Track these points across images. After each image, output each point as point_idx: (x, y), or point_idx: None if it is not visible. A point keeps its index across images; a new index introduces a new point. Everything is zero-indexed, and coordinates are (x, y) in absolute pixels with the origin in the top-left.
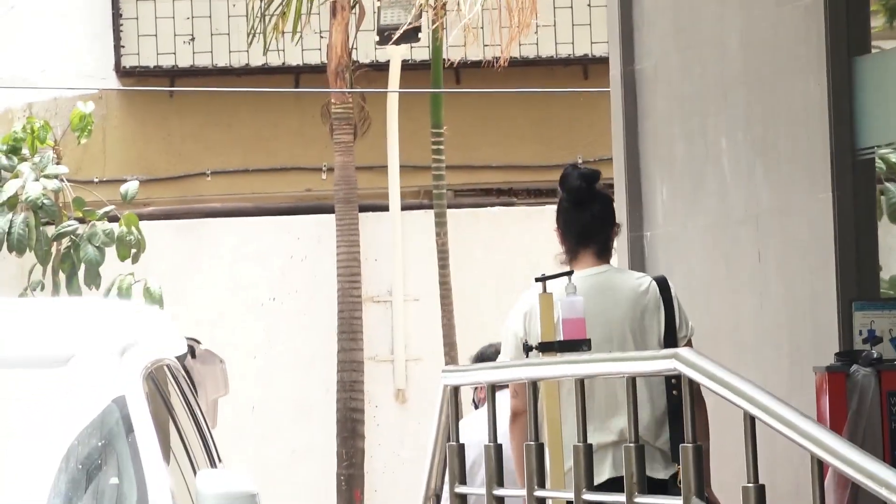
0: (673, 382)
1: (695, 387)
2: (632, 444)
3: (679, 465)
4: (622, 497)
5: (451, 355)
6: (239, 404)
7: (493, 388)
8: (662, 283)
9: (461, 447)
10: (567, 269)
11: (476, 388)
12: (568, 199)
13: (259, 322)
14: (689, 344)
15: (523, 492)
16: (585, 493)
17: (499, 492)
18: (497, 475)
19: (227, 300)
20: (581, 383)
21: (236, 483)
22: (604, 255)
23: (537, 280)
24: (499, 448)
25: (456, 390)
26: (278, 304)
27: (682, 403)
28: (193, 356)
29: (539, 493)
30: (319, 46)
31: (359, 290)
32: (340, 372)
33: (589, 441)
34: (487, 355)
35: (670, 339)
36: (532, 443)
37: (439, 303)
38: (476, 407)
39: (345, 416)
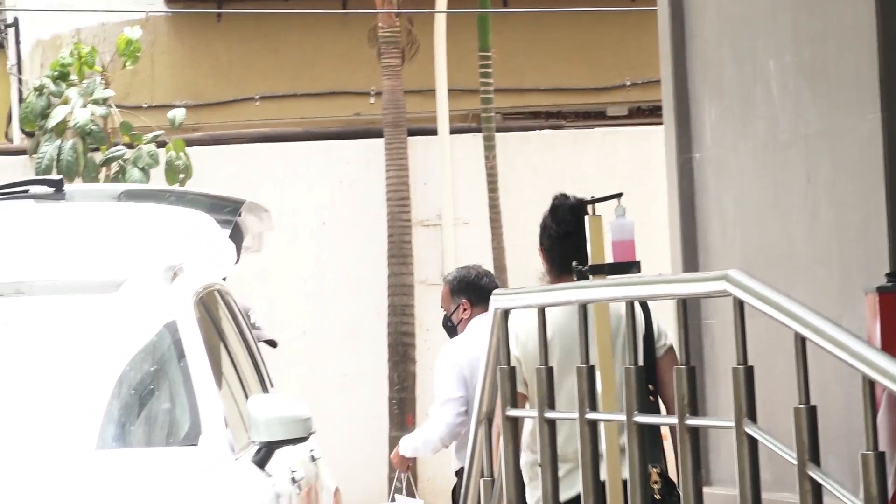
0: (650, 389)
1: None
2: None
3: (653, 467)
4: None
5: (500, 278)
6: (290, 329)
7: (507, 312)
8: (642, 302)
9: (512, 370)
10: (614, 193)
11: (456, 310)
12: (556, 230)
13: (309, 247)
14: (669, 351)
15: (576, 415)
16: (637, 415)
17: (551, 414)
18: (549, 397)
19: (276, 225)
20: (631, 306)
21: (289, 407)
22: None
23: (587, 202)
24: (550, 370)
25: (506, 313)
26: (328, 228)
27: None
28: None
29: (591, 415)
30: None
31: (408, 214)
32: (391, 296)
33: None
34: (468, 280)
35: (649, 351)
36: (583, 366)
37: (489, 226)
38: (449, 326)
39: (395, 340)
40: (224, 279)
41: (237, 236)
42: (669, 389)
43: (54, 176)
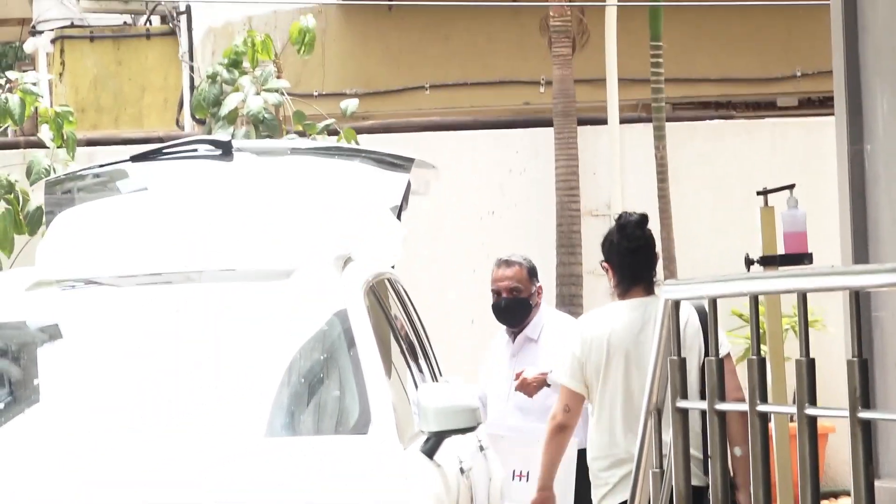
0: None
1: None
2: (755, 357)
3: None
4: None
5: (670, 269)
6: (458, 318)
7: (678, 303)
8: (700, 311)
9: (683, 361)
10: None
11: (534, 293)
12: (627, 245)
13: (478, 235)
14: (727, 357)
15: (746, 406)
16: (808, 408)
17: (722, 406)
18: (719, 389)
19: (445, 213)
20: (803, 298)
21: (458, 397)
22: (650, 288)
23: (759, 193)
24: (721, 362)
25: (677, 304)
26: (497, 217)
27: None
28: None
29: (762, 407)
30: None
31: (577, 203)
32: (559, 285)
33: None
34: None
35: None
36: (754, 357)
37: (657, 216)
38: (521, 309)
39: None
40: (393, 267)
41: (406, 195)
42: (731, 395)
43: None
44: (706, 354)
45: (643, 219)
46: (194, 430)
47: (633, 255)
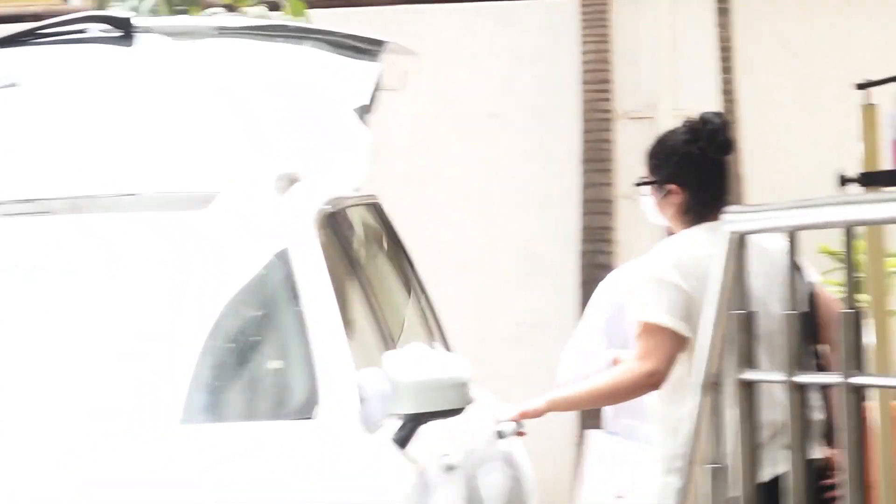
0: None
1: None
2: (850, 311)
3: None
4: None
5: (736, 191)
6: (450, 259)
7: (744, 237)
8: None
9: (749, 317)
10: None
11: None
12: (715, 154)
13: (475, 148)
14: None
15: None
16: None
17: (803, 378)
18: (806, 353)
19: (432, 119)
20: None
21: (440, 368)
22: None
23: (860, 87)
24: (807, 315)
25: (742, 239)
26: (501, 122)
27: None
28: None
29: (858, 379)
30: None
31: (609, 102)
32: (586, 215)
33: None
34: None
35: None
36: (849, 310)
37: None
38: None
39: (590, 274)
40: (357, 188)
41: (375, 91)
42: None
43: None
44: (790, 305)
45: (727, 123)
46: (84, 417)
47: (721, 172)
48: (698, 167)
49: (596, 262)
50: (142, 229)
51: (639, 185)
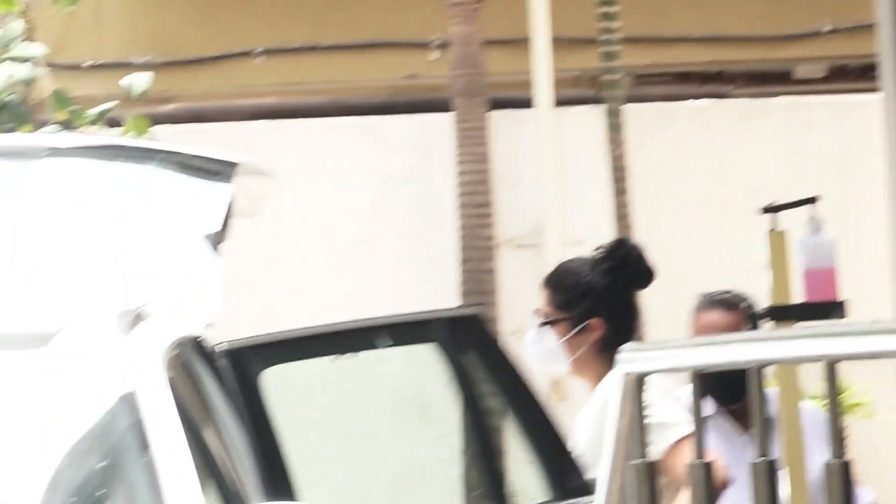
0: None
1: None
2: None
3: None
4: None
5: None
6: (321, 405)
7: (643, 378)
8: None
9: (650, 467)
10: (802, 200)
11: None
12: (639, 281)
13: (342, 279)
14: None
15: None
16: None
17: None
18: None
19: (293, 247)
20: (830, 369)
21: None
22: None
23: (766, 210)
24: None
25: (640, 381)
26: (368, 251)
27: None
28: None
29: None
30: None
31: (489, 228)
32: None
33: None
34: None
35: None
36: (759, 460)
37: None
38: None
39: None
40: (209, 325)
41: (227, 216)
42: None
43: None
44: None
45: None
46: None
47: (635, 302)
48: (623, 299)
49: (485, 407)
50: None
51: (546, 323)
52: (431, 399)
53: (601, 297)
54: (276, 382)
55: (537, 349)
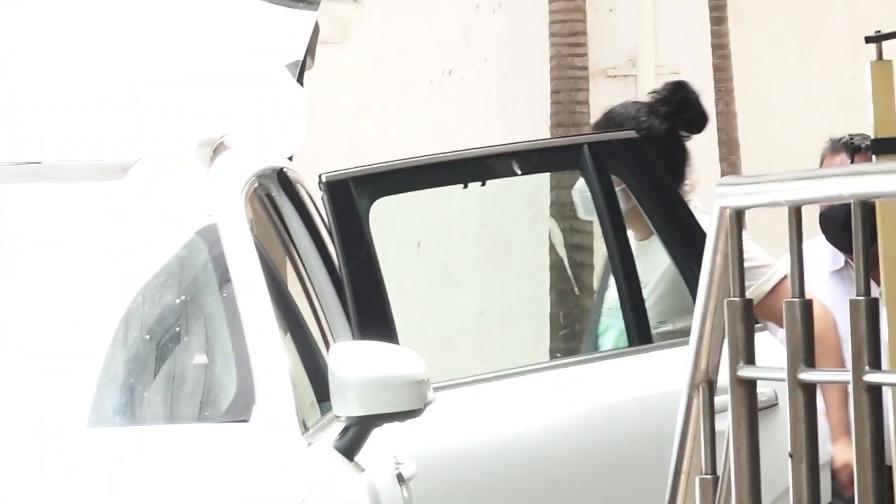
0: None
1: None
2: (861, 297)
3: None
4: None
5: (729, 160)
6: (404, 240)
7: (799, 211)
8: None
9: (748, 304)
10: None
11: None
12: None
13: (428, 111)
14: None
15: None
16: None
17: (811, 375)
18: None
19: (378, 77)
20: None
21: (393, 362)
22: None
23: (870, 40)
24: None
25: (740, 216)
26: (456, 79)
27: None
28: None
29: (872, 376)
30: None
31: (584, 58)
32: (555, 189)
33: None
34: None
35: None
36: (860, 297)
37: (711, 78)
38: None
39: (561, 258)
40: (291, 158)
41: (312, 45)
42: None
43: None
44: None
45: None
46: None
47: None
48: (679, 144)
49: (572, 243)
50: (46, 202)
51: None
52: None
53: (660, 141)
54: (377, 215)
55: (588, 193)
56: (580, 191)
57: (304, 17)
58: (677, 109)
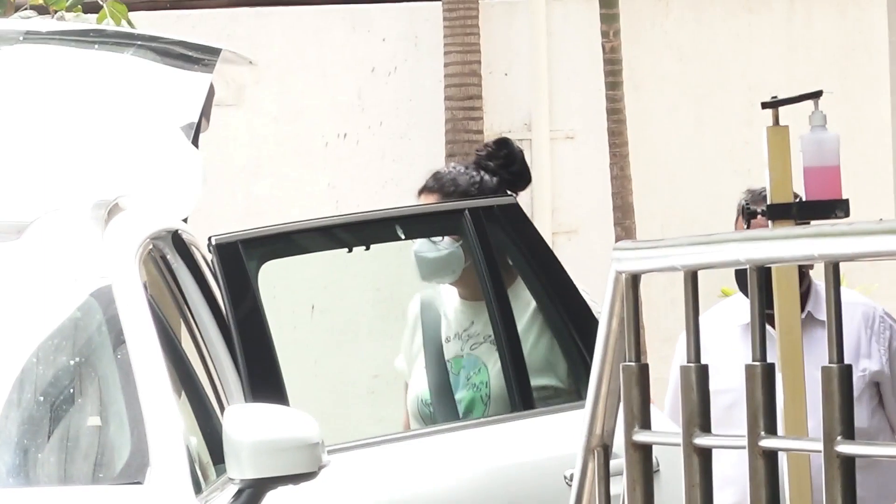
0: None
1: None
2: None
3: None
4: None
5: (623, 225)
6: (299, 301)
7: (695, 276)
8: None
9: (644, 368)
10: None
11: None
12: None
13: (324, 173)
14: None
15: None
16: (839, 444)
17: (705, 440)
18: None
19: (274, 139)
20: (835, 269)
21: (287, 425)
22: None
23: (766, 106)
24: (703, 369)
25: (636, 280)
26: (350, 142)
27: None
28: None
29: (768, 442)
30: None
31: (480, 122)
32: None
33: None
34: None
35: None
36: (756, 364)
37: (606, 142)
38: None
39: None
40: (185, 220)
41: (207, 107)
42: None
43: None
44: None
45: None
46: None
47: None
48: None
49: None
50: None
51: None
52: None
53: (492, 195)
54: (270, 278)
55: (432, 255)
56: (418, 252)
57: (199, 79)
58: (504, 164)
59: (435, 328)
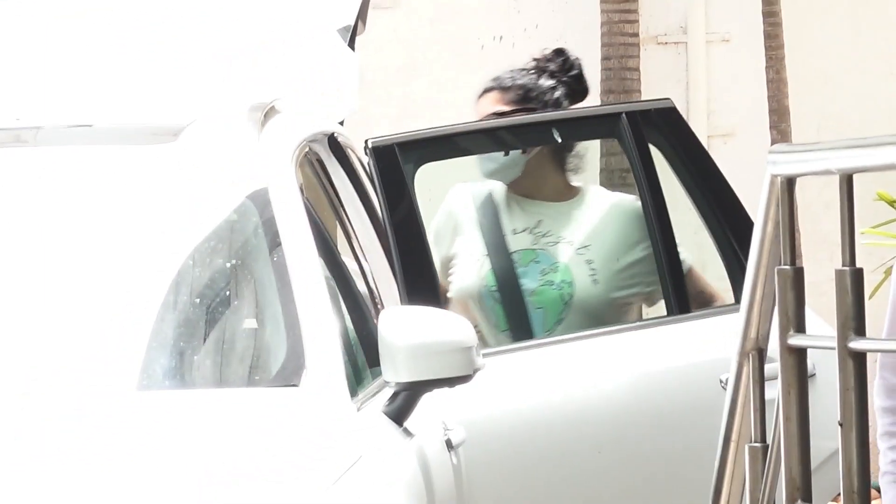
0: None
1: None
2: None
3: None
4: None
5: (779, 128)
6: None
7: (850, 179)
8: None
9: (799, 272)
10: None
11: None
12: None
13: (477, 76)
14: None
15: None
16: None
17: (861, 344)
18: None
19: (429, 42)
20: None
21: (443, 328)
22: None
23: None
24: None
25: (791, 184)
26: (506, 44)
27: None
28: None
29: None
30: None
31: (635, 24)
32: (605, 155)
33: None
34: None
35: None
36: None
37: (762, 44)
38: None
39: None
40: (342, 123)
41: (363, 9)
42: None
43: None
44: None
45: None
46: (27, 382)
47: None
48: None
49: None
50: (96, 165)
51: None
52: None
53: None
54: (431, 181)
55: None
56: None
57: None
58: (562, 69)
59: (494, 220)
